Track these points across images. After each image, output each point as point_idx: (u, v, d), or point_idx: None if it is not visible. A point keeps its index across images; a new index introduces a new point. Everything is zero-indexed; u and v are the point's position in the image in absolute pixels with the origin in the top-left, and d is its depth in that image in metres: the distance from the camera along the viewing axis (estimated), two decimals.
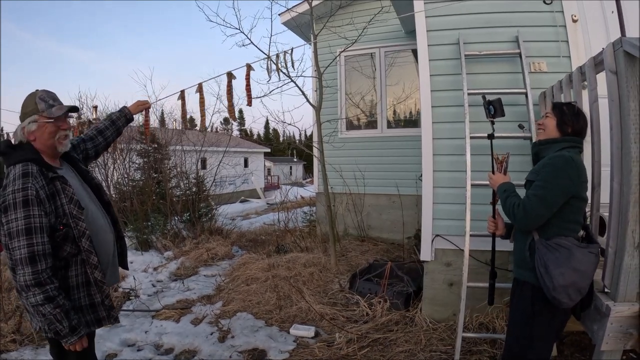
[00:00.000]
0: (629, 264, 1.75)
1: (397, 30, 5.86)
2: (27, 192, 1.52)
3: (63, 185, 1.65)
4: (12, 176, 1.56)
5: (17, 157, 1.62)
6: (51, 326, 1.54)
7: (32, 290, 1.49)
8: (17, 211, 1.49)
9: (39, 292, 1.50)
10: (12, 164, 1.61)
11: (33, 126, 1.66)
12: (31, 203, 1.51)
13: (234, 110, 3.17)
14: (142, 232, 6.48)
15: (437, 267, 3.25)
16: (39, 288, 1.50)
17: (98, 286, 1.71)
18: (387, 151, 6.14)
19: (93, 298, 1.71)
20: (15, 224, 1.49)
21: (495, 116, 2.37)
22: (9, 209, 1.50)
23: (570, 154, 1.77)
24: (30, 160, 1.62)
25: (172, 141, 8.55)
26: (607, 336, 1.77)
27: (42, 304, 1.50)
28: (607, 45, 1.89)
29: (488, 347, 2.82)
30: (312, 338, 3.18)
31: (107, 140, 2.12)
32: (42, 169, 1.62)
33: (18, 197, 1.50)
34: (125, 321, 3.65)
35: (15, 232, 1.49)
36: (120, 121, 2.19)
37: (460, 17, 3.14)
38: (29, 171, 1.57)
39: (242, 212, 14.71)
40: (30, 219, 1.50)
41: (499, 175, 2.04)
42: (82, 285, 1.68)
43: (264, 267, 4.84)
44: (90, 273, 1.68)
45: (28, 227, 1.50)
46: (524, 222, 1.78)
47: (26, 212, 1.50)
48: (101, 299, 1.73)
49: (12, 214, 1.50)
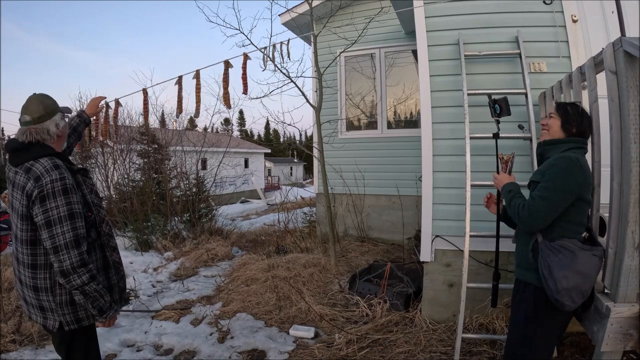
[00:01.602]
0: (629, 265, 1.74)
1: (397, 30, 5.86)
2: (65, 181, 1.60)
3: (84, 177, 1.78)
4: (41, 168, 1.60)
5: (39, 152, 1.66)
6: (95, 303, 1.65)
7: (79, 271, 1.58)
8: (59, 199, 1.57)
9: (85, 271, 1.59)
10: (31, 159, 1.64)
11: (63, 122, 1.77)
12: (70, 191, 1.61)
13: (229, 97, 3.27)
14: (142, 232, 6.49)
15: (437, 268, 3.25)
16: (84, 268, 1.59)
17: (116, 268, 1.84)
18: (387, 152, 6.14)
19: (111, 280, 1.82)
20: (57, 210, 1.56)
21: (501, 115, 2.36)
22: (49, 197, 1.56)
23: (577, 155, 1.76)
24: (54, 155, 1.69)
25: (173, 142, 8.56)
26: (607, 337, 1.76)
27: (88, 283, 1.60)
28: (607, 45, 1.88)
29: (488, 348, 2.82)
30: (311, 339, 3.18)
31: (70, 147, 2.16)
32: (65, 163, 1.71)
33: (57, 186, 1.57)
34: (124, 321, 3.64)
35: (57, 218, 1.56)
36: (80, 127, 2.27)
37: (460, 18, 3.14)
38: (59, 164, 1.65)
39: (242, 213, 14.72)
40: (72, 205, 1.60)
41: (503, 176, 2.03)
42: (101, 269, 1.78)
43: (263, 267, 4.84)
44: (109, 256, 1.80)
45: (71, 213, 1.59)
46: (529, 223, 1.77)
47: (67, 200, 1.59)
48: (117, 280, 1.85)
49: (52, 202, 1.56)
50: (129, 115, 8.71)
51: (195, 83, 3.21)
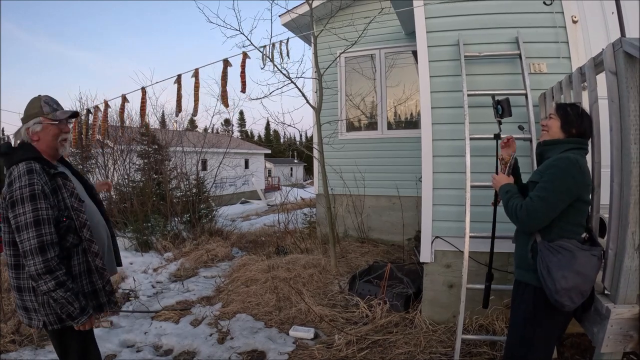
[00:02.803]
0: (629, 266, 1.74)
1: (398, 31, 5.87)
2: (34, 187, 1.61)
3: (64, 180, 1.76)
4: (16, 173, 1.64)
5: (19, 157, 1.70)
6: (63, 309, 1.64)
7: (44, 278, 1.58)
8: (25, 205, 1.59)
9: (50, 278, 1.59)
10: (14, 163, 1.69)
11: (38, 127, 1.77)
12: (38, 197, 1.61)
13: (227, 96, 3.31)
14: (142, 233, 6.48)
15: (436, 269, 3.24)
16: (50, 275, 1.59)
17: (99, 273, 1.82)
18: (387, 152, 6.14)
19: (95, 285, 1.82)
20: (24, 217, 1.58)
21: (503, 116, 2.38)
22: (17, 204, 1.59)
23: (576, 155, 1.76)
24: (32, 158, 1.71)
25: (173, 142, 8.56)
26: (607, 338, 1.76)
27: (54, 290, 1.60)
28: (607, 45, 1.88)
29: (488, 349, 2.81)
30: (311, 340, 3.18)
31: None
32: (44, 167, 1.72)
33: (25, 192, 1.60)
34: (124, 322, 3.64)
35: (24, 224, 1.58)
36: None
37: (460, 18, 3.14)
38: (33, 168, 1.67)
39: (242, 214, 14.71)
40: (38, 212, 1.60)
41: (502, 176, 2.03)
42: (85, 273, 1.78)
43: (263, 268, 4.83)
44: (91, 261, 1.79)
45: (37, 219, 1.59)
46: (527, 224, 1.76)
47: (34, 206, 1.60)
48: (102, 285, 1.84)
49: (20, 208, 1.59)
50: (129, 116, 8.72)
51: (194, 82, 3.23)
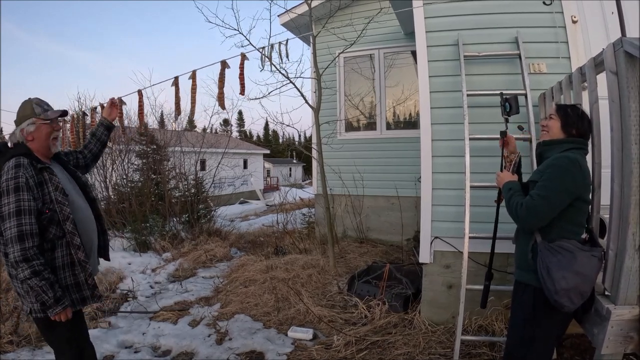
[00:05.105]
0: (629, 267, 1.73)
1: (397, 31, 5.86)
2: (19, 180, 1.73)
3: (50, 175, 1.86)
4: (5, 168, 1.77)
5: (11, 153, 1.84)
6: (38, 297, 1.73)
7: (21, 266, 1.69)
8: (9, 196, 1.71)
9: (27, 267, 1.69)
10: (6, 159, 1.81)
11: (32, 127, 1.90)
12: (21, 189, 1.73)
13: (224, 98, 3.26)
14: (141, 233, 6.46)
15: (436, 270, 3.23)
16: (26, 263, 1.69)
17: (82, 266, 1.88)
18: (386, 153, 6.13)
19: (77, 277, 1.88)
20: (7, 207, 1.70)
21: (511, 113, 2.38)
22: (3, 195, 1.72)
23: (575, 155, 1.75)
24: (22, 154, 1.83)
25: (171, 142, 8.54)
26: (608, 340, 1.75)
27: (29, 278, 1.69)
28: (608, 45, 1.88)
29: (487, 350, 2.80)
30: (310, 340, 3.16)
31: (92, 152, 2.34)
32: (32, 162, 1.83)
33: (10, 185, 1.72)
34: (122, 323, 3.63)
35: (7, 214, 1.70)
36: (99, 131, 2.38)
37: (459, 18, 3.13)
38: (21, 163, 1.79)
39: (241, 214, 14.70)
40: (20, 203, 1.71)
41: (506, 174, 2.03)
42: (67, 266, 1.85)
43: (262, 268, 4.82)
44: (74, 253, 1.86)
45: (18, 210, 1.70)
46: (527, 222, 1.76)
47: (17, 197, 1.71)
48: (84, 278, 1.90)
49: (5, 199, 1.71)
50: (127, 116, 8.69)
51: (191, 84, 3.21)
